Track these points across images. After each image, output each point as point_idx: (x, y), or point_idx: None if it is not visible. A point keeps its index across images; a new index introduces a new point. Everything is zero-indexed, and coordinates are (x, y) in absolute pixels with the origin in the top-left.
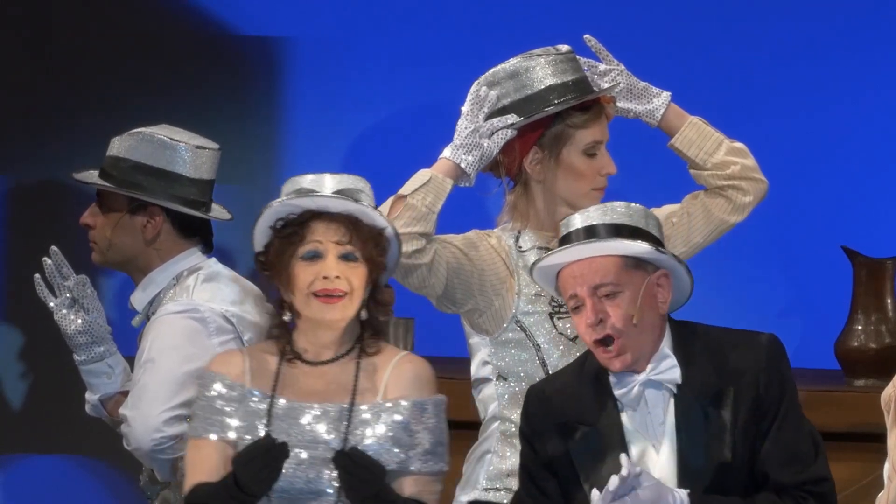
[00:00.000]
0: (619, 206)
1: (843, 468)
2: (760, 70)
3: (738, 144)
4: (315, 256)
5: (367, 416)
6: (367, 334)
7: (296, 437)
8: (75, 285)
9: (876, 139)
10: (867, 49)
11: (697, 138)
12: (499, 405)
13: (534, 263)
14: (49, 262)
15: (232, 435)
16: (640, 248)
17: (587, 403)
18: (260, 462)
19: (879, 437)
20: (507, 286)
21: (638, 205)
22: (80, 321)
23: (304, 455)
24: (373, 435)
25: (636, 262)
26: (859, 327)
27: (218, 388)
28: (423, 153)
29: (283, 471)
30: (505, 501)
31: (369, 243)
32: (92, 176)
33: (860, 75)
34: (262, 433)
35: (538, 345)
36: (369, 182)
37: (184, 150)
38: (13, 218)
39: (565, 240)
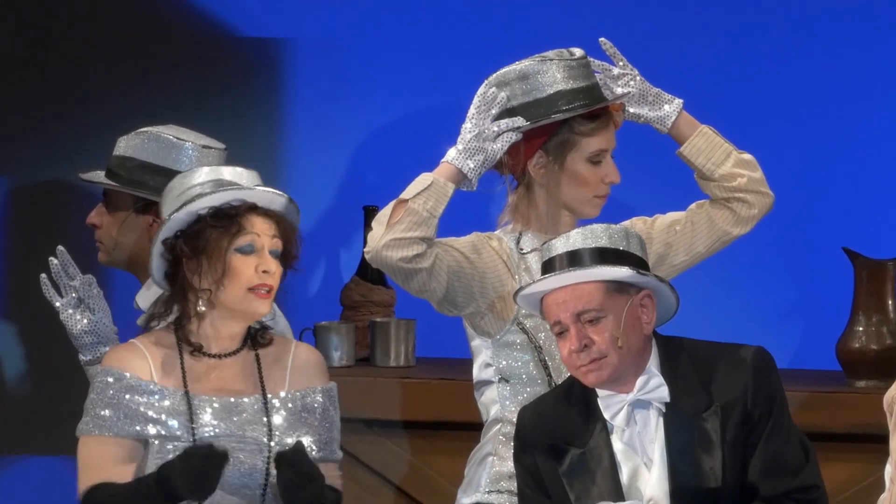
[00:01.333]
0: (599, 228)
1: (843, 469)
2: (762, 72)
3: (747, 156)
4: (252, 250)
5: (280, 407)
6: (256, 325)
7: (219, 433)
8: (81, 285)
9: (877, 140)
10: (869, 50)
11: (706, 148)
12: (500, 407)
13: (517, 291)
14: (55, 261)
15: (150, 431)
16: (621, 272)
17: (576, 426)
18: (201, 471)
19: (880, 439)
20: (509, 288)
21: (618, 225)
22: (85, 321)
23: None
24: (287, 426)
25: (619, 286)
26: (860, 328)
27: (124, 384)
28: (425, 155)
29: None
30: (506, 503)
31: (292, 242)
32: (98, 175)
33: (862, 77)
34: (178, 431)
35: (540, 346)
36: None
37: (190, 149)
38: (14, 218)
39: (548, 265)
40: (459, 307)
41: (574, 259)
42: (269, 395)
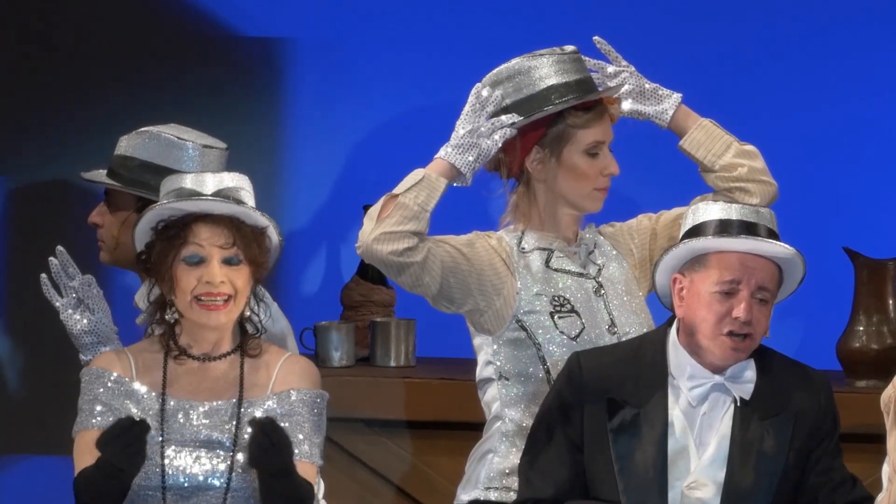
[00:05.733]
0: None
1: None
2: (761, 69)
3: (749, 147)
4: (198, 260)
5: (256, 411)
6: (248, 335)
7: (188, 435)
8: (81, 285)
9: (877, 139)
10: (869, 49)
11: (706, 140)
12: (500, 405)
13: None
14: (55, 261)
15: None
16: (800, 274)
17: (637, 385)
18: (121, 441)
19: (880, 438)
20: (508, 286)
21: None
22: (85, 321)
23: (195, 453)
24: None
25: (778, 285)
26: (861, 328)
27: (105, 383)
28: (424, 153)
29: (176, 468)
30: (505, 500)
31: (252, 245)
32: (100, 175)
33: (862, 75)
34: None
35: (539, 344)
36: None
37: (191, 148)
38: (14, 218)
39: (752, 228)
40: (456, 303)
41: (775, 237)
42: (246, 400)
